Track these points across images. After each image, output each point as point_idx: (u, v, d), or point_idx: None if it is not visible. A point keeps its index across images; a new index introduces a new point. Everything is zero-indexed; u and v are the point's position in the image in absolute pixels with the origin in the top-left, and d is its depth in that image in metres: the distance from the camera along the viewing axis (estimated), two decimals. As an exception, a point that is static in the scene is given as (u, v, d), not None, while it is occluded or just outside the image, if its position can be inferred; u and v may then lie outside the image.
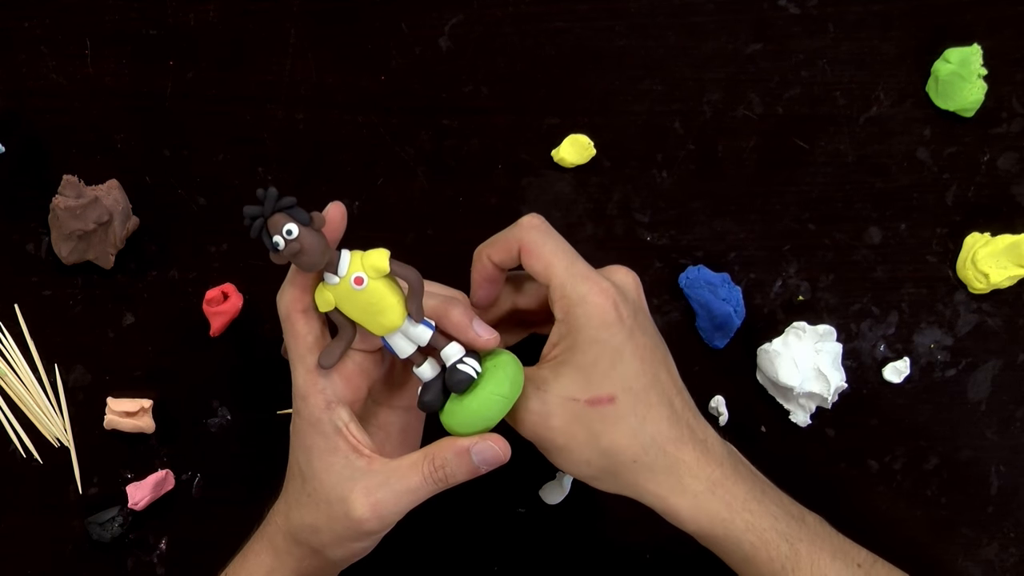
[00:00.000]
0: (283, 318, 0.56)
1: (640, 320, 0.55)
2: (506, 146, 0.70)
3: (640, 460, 0.54)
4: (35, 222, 0.71)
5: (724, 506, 0.54)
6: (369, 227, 0.71)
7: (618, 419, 0.53)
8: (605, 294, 0.54)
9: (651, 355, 0.55)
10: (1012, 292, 0.69)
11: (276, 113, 0.71)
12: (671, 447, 0.54)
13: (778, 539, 0.54)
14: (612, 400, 0.53)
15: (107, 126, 0.71)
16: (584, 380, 0.54)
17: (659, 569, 0.70)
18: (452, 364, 0.55)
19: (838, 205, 0.70)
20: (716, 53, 0.70)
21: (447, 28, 0.71)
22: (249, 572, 0.60)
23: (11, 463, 0.71)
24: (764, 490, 0.56)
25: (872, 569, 0.56)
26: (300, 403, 0.56)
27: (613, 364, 0.53)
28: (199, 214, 0.71)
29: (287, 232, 0.51)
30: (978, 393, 0.69)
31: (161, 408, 0.71)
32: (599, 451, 0.54)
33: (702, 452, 0.55)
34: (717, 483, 0.54)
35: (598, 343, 0.53)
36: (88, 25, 0.71)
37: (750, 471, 0.57)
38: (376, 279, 0.53)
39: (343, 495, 0.55)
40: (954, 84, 0.67)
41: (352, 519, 0.55)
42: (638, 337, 0.54)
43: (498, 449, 0.55)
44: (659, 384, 0.55)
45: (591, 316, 0.53)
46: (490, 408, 0.55)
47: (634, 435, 0.53)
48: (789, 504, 0.57)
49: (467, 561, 0.71)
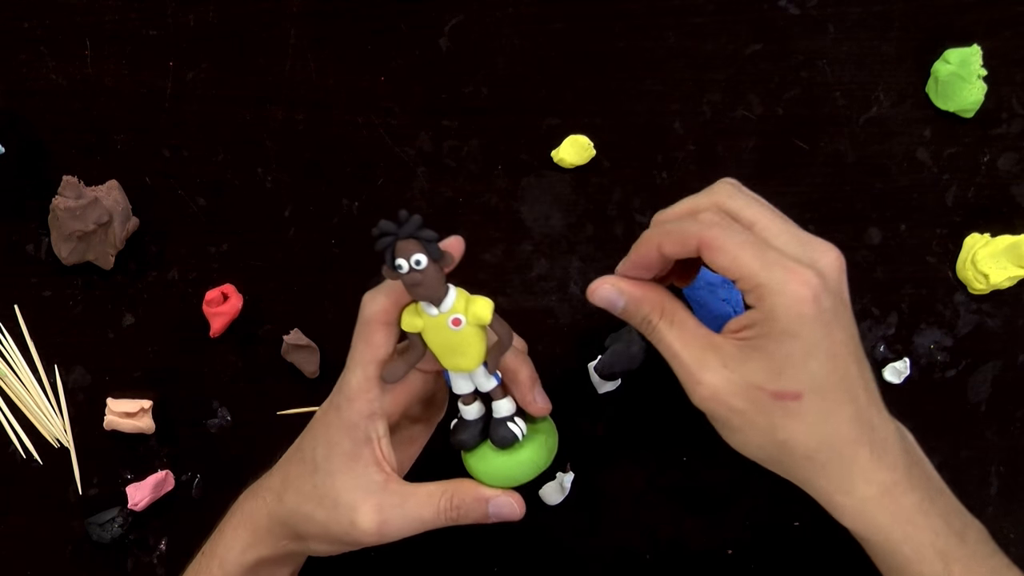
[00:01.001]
0: (364, 321, 0.56)
1: (839, 313, 0.51)
2: (506, 146, 0.70)
3: (814, 458, 0.52)
4: (35, 222, 0.71)
5: (888, 515, 0.52)
6: (369, 227, 0.70)
7: (800, 416, 0.51)
8: (806, 284, 0.49)
9: (845, 351, 0.51)
10: (1012, 292, 0.69)
11: (276, 113, 0.71)
12: (847, 448, 0.52)
13: (933, 556, 0.52)
14: (798, 397, 0.50)
15: (107, 126, 0.71)
16: (773, 372, 0.50)
17: (659, 569, 0.70)
18: (501, 419, 0.57)
19: (838, 205, 0.70)
20: (716, 53, 0.70)
21: (447, 28, 0.71)
22: (226, 547, 0.60)
23: (11, 464, 0.71)
24: (933, 499, 0.53)
25: None
26: (344, 402, 0.56)
27: (806, 360, 0.50)
28: (199, 214, 0.71)
29: (415, 262, 0.52)
30: (978, 393, 0.69)
31: (161, 408, 0.71)
32: (774, 442, 0.52)
33: (879, 454, 0.52)
34: (886, 490, 0.52)
35: (793, 337, 0.50)
36: (88, 25, 0.71)
37: (923, 474, 0.54)
38: (471, 325, 0.54)
39: (353, 503, 0.55)
40: (954, 85, 0.67)
41: (356, 528, 0.55)
42: (835, 332, 0.50)
43: (516, 509, 0.57)
44: (847, 381, 0.51)
45: (789, 308, 0.49)
46: (523, 472, 0.57)
47: (812, 433, 0.51)
48: (955, 516, 0.54)
49: (467, 561, 0.71)
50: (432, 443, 0.64)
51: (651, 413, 0.70)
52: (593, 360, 0.69)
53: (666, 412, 0.70)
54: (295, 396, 0.71)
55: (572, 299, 0.70)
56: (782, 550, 0.70)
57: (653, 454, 0.70)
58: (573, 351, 0.70)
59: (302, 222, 0.71)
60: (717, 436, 0.70)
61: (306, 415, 0.70)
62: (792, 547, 0.70)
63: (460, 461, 0.59)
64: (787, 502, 0.70)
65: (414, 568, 0.71)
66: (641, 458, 0.70)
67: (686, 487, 0.70)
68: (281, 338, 0.70)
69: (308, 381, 0.71)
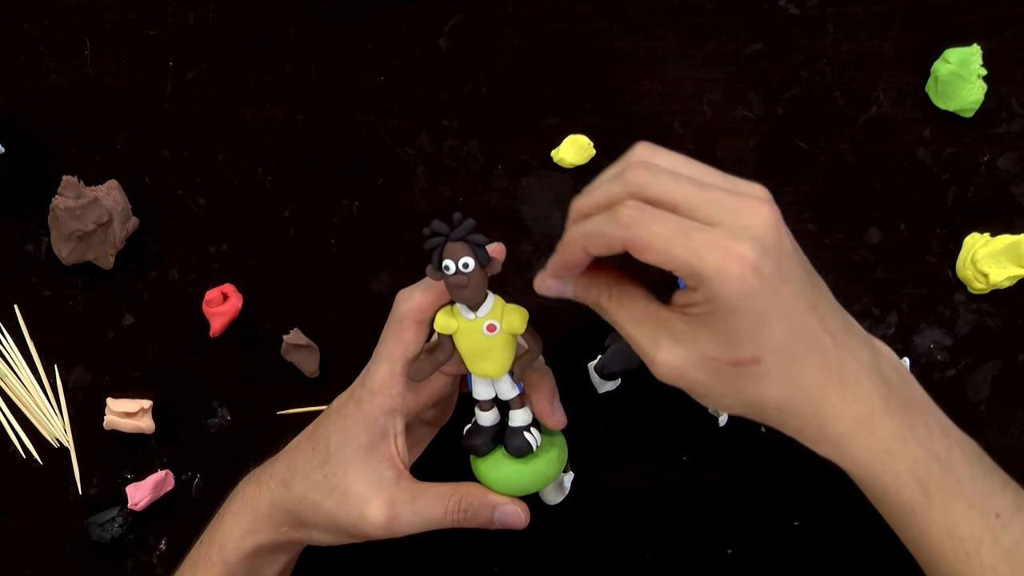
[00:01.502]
0: (397, 318, 0.56)
1: (784, 268, 0.48)
2: (506, 146, 0.70)
3: (784, 407, 0.51)
4: (35, 222, 0.71)
5: (864, 448, 0.51)
6: (369, 227, 0.71)
7: (763, 376, 0.50)
8: (742, 261, 0.47)
9: (798, 304, 0.49)
10: (1012, 292, 0.69)
11: (276, 113, 0.71)
12: (816, 392, 0.50)
13: (913, 484, 0.51)
14: (758, 361, 0.49)
15: (107, 126, 0.71)
16: (726, 343, 0.49)
17: (659, 569, 0.70)
18: (518, 428, 0.57)
19: (838, 205, 0.70)
20: (716, 53, 0.70)
21: (447, 28, 0.71)
22: (225, 533, 0.60)
23: (11, 463, 0.71)
24: (913, 426, 0.52)
25: (1012, 520, 0.52)
26: (367, 395, 0.57)
27: (757, 328, 0.48)
28: (199, 214, 0.71)
29: (463, 264, 0.52)
30: (978, 393, 0.69)
31: (161, 408, 0.71)
32: (742, 401, 0.51)
33: (850, 389, 0.51)
34: (861, 423, 0.51)
35: (742, 311, 0.48)
36: (88, 25, 0.71)
37: (903, 399, 0.52)
38: (505, 333, 0.55)
39: (364, 495, 0.56)
40: (954, 84, 0.67)
41: (365, 520, 0.56)
42: (783, 292, 0.48)
43: (521, 518, 0.58)
44: (806, 332, 0.49)
45: (730, 288, 0.47)
46: (533, 483, 0.58)
47: (779, 388, 0.50)
48: (938, 441, 0.52)
49: (467, 561, 0.71)
50: (440, 447, 0.64)
51: (651, 413, 0.70)
52: (593, 360, 0.69)
53: (666, 412, 0.70)
54: (295, 396, 0.71)
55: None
56: (782, 550, 0.70)
57: (653, 454, 0.70)
58: (573, 351, 0.70)
59: (302, 222, 0.71)
60: (717, 436, 0.70)
61: (306, 415, 0.70)
62: (792, 547, 0.70)
63: (465, 467, 0.59)
64: (787, 502, 0.70)
65: (415, 567, 0.71)
66: (641, 458, 0.70)
67: (686, 487, 0.70)
68: (281, 338, 0.70)
69: (308, 381, 0.71)
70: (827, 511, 0.69)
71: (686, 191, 0.48)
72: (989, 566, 0.51)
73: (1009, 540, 0.51)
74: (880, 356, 0.53)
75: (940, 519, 0.51)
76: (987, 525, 0.51)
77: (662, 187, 0.49)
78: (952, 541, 0.51)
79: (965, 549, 0.51)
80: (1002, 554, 0.51)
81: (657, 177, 0.49)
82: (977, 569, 0.51)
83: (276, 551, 0.61)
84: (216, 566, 0.60)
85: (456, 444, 0.60)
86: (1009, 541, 0.51)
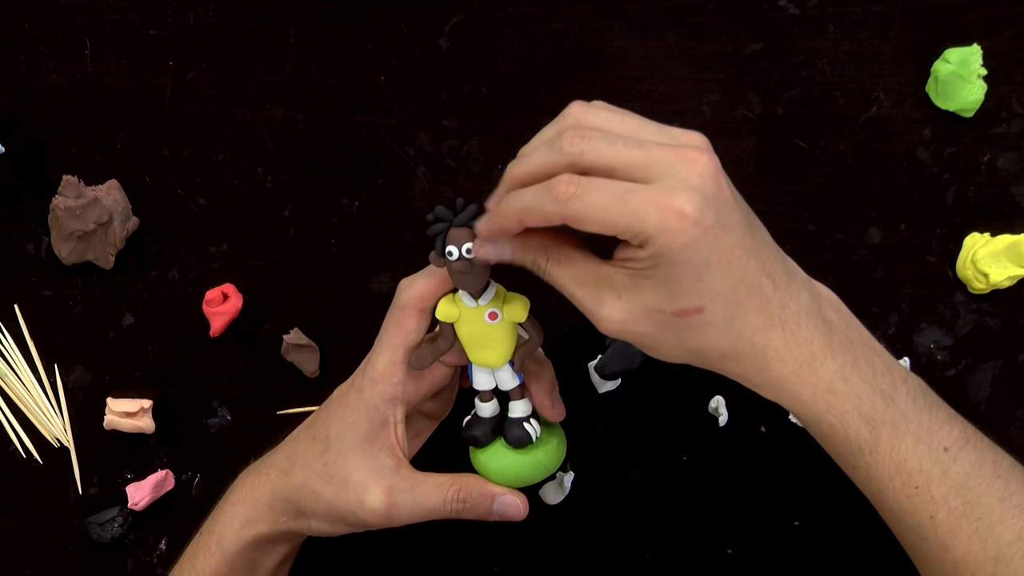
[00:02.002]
0: (399, 305, 0.57)
1: (724, 216, 0.48)
2: (506, 146, 0.70)
3: (727, 353, 0.51)
4: (35, 222, 0.71)
5: (807, 389, 0.51)
6: (369, 227, 0.71)
7: (706, 325, 0.50)
8: (681, 216, 0.46)
9: (738, 251, 0.49)
10: (1012, 292, 0.69)
11: (276, 113, 0.71)
12: (758, 336, 0.50)
13: (859, 422, 0.51)
14: (700, 311, 0.49)
15: (107, 126, 0.71)
16: (669, 294, 0.49)
17: (659, 569, 0.70)
18: (517, 419, 0.57)
19: (838, 205, 0.70)
20: (716, 53, 0.70)
21: (447, 28, 0.71)
22: (224, 524, 0.60)
23: (11, 463, 0.71)
24: (856, 364, 0.52)
25: (960, 453, 0.52)
26: (368, 383, 0.57)
27: (699, 278, 0.48)
28: (199, 214, 0.71)
29: (467, 250, 0.52)
30: (978, 393, 0.69)
31: (161, 408, 0.71)
32: (687, 351, 0.51)
33: (791, 331, 0.51)
34: (803, 364, 0.51)
35: (684, 263, 0.48)
36: (88, 25, 0.71)
37: (845, 339, 0.53)
38: (506, 321, 0.55)
39: (364, 483, 0.56)
40: (954, 84, 0.67)
41: (364, 508, 0.56)
42: (724, 240, 0.48)
43: (520, 509, 0.57)
44: (747, 278, 0.49)
45: (672, 243, 0.47)
46: (532, 473, 0.58)
47: (722, 336, 0.50)
48: (882, 378, 0.52)
49: (467, 561, 0.71)
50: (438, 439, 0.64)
51: (651, 413, 0.70)
52: (593, 360, 0.69)
53: (666, 412, 0.70)
54: (295, 396, 0.71)
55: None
56: (782, 550, 0.70)
57: (653, 454, 0.70)
58: (573, 351, 0.70)
59: (302, 222, 0.71)
60: (717, 436, 0.70)
61: (306, 415, 0.70)
62: (792, 547, 0.70)
63: (464, 461, 0.59)
64: (787, 502, 0.70)
65: (415, 567, 0.71)
66: (641, 458, 0.70)
67: (686, 487, 0.70)
68: (281, 338, 0.70)
69: (308, 381, 0.71)
70: (827, 511, 0.69)
71: (621, 153, 0.48)
72: (940, 499, 0.51)
73: (958, 473, 0.51)
74: (820, 298, 0.54)
75: (888, 455, 0.51)
76: (936, 459, 0.51)
77: (597, 153, 0.49)
78: (901, 476, 0.51)
79: (915, 484, 0.51)
80: (952, 487, 0.51)
81: (591, 144, 0.49)
82: (928, 503, 0.51)
83: (275, 541, 0.61)
84: (215, 557, 0.60)
85: (455, 438, 0.60)
86: (958, 474, 0.51)
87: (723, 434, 0.70)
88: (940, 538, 0.51)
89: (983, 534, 0.51)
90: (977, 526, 0.51)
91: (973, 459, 0.52)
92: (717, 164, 0.49)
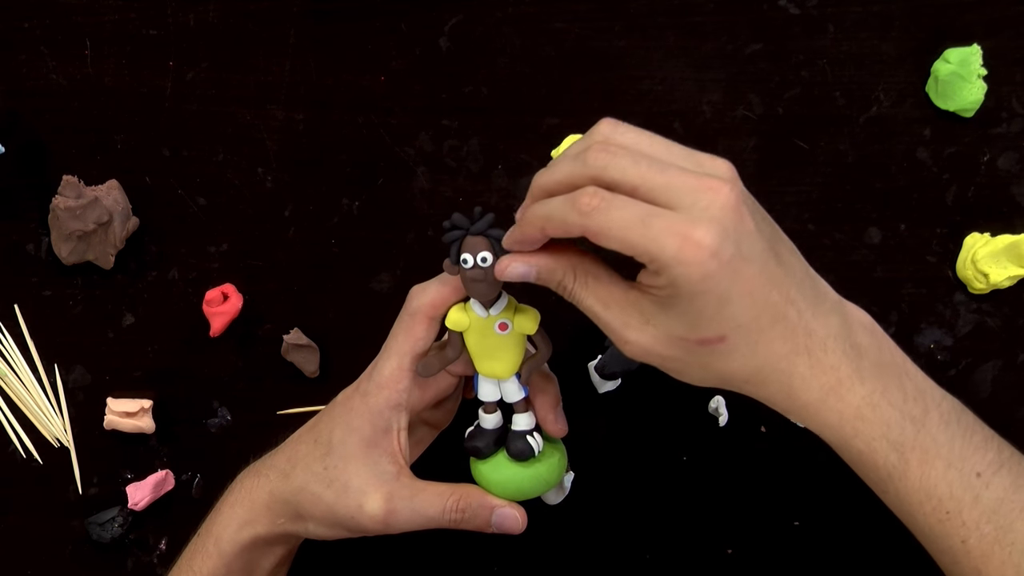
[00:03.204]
0: (410, 312, 0.57)
1: (745, 248, 0.48)
2: (506, 146, 0.70)
3: (752, 380, 0.51)
4: (35, 222, 0.71)
5: (834, 415, 0.51)
6: (369, 227, 0.71)
7: (729, 353, 0.50)
8: (699, 248, 0.46)
9: (760, 280, 0.49)
10: (1012, 292, 0.69)
11: (276, 113, 0.71)
12: (783, 363, 0.50)
13: (887, 448, 0.51)
14: (723, 340, 0.49)
15: (107, 126, 0.71)
16: (691, 324, 0.49)
17: (659, 569, 0.70)
18: (521, 431, 0.57)
19: (838, 205, 0.70)
20: (716, 53, 0.70)
21: (447, 28, 0.71)
22: (222, 525, 0.60)
23: (11, 463, 0.71)
24: (886, 390, 0.51)
25: (994, 478, 0.51)
26: (373, 389, 0.57)
27: (720, 309, 0.48)
28: (199, 214, 0.71)
29: (482, 259, 0.52)
30: (978, 393, 0.69)
31: (161, 408, 0.71)
32: (713, 376, 0.52)
33: (818, 358, 0.51)
34: (830, 391, 0.51)
35: (703, 294, 0.48)
36: (88, 25, 0.71)
37: (875, 365, 0.52)
38: (516, 333, 0.55)
39: (364, 488, 0.56)
40: (954, 84, 0.67)
41: (363, 513, 0.56)
42: (744, 271, 0.48)
43: (519, 522, 0.58)
44: (770, 307, 0.49)
45: (690, 274, 0.47)
46: (532, 487, 0.58)
47: (746, 364, 0.50)
48: (913, 403, 0.52)
49: (467, 561, 0.71)
50: (438, 448, 0.64)
51: (651, 413, 0.70)
52: (593, 360, 0.69)
53: (666, 412, 0.70)
54: (295, 396, 0.71)
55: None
56: (782, 550, 0.70)
57: (653, 454, 0.70)
58: (573, 351, 0.70)
59: (302, 222, 0.71)
60: (717, 436, 0.70)
61: (306, 415, 0.70)
62: (792, 547, 0.70)
63: (464, 473, 0.59)
64: (787, 502, 0.70)
65: (414, 566, 0.71)
66: (641, 458, 0.70)
67: (686, 487, 0.70)
68: (281, 338, 0.70)
69: (308, 381, 0.71)
70: (827, 511, 0.69)
71: (644, 174, 0.48)
72: (972, 525, 0.50)
73: (991, 498, 0.51)
74: (852, 321, 0.53)
75: (917, 481, 0.51)
76: (967, 485, 0.51)
77: (621, 170, 0.49)
78: (932, 502, 0.51)
79: (945, 509, 0.51)
80: (984, 512, 0.50)
81: (616, 160, 0.49)
82: (960, 528, 0.51)
83: (272, 543, 0.61)
84: (212, 558, 0.60)
85: (456, 448, 0.60)
86: (991, 499, 0.51)
87: (723, 434, 0.70)
88: (973, 563, 0.51)
89: (1016, 559, 0.50)
90: (1011, 551, 0.50)
91: (1007, 483, 0.51)
92: (739, 194, 0.48)
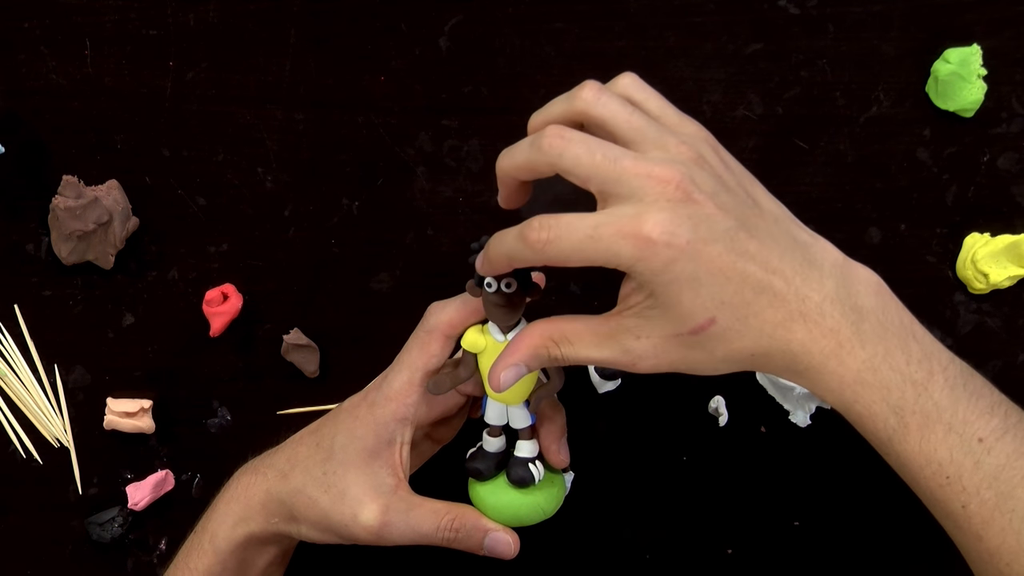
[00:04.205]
0: (427, 328, 0.57)
1: (703, 230, 0.48)
2: (506, 146, 0.70)
3: (757, 353, 0.51)
4: (35, 222, 0.71)
5: (834, 379, 0.51)
6: (369, 227, 0.71)
7: (723, 333, 0.50)
8: (650, 241, 0.47)
9: (730, 257, 0.49)
10: (1012, 292, 0.69)
11: (276, 113, 0.71)
12: (780, 331, 0.50)
13: (887, 412, 0.51)
14: (712, 322, 0.49)
15: (107, 126, 0.71)
16: (677, 317, 0.49)
17: (659, 569, 0.70)
18: (523, 459, 0.57)
19: (838, 205, 0.70)
20: (716, 53, 0.70)
21: (447, 28, 0.71)
22: (218, 522, 0.60)
23: (11, 463, 0.71)
24: (888, 353, 0.51)
25: (997, 443, 0.50)
26: (381, 400, 0.57)
27: (695, 293, 0.49)
28: (199, 214, 0.71)
29: (506, 284, 0.53)
30: (978, 393, 0.69)
31: (161, 408, 0.71)
32: (720, 361, 0.51)
33: (815, 322, 0.50)
34: (829, 355, 0.50)
35: (671, 283, 0.48)
36: (88, 25, 0.71)
37: (877, 327, 0.51)
38: None
39: (360, 497, 0.57)
40: (954, 84, 0.67)
41: (357, 522, 0.56)
42: (706, 251, 0.48)
43: (512, 547, 0.58)
44: (750, 279, 0.49)
45: (652, 268, 0.48)
46: (529, 514, 0.58)
47: (742, 337, 0.50)
48: (917, 366, 0.51)
49: (466, 560, 0.71)
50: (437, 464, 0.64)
51: (651, 413, 0.70)
52: (593, 360, 0.69)
53: (666, 412, 0.70)
54: (295, 396, 0.71)
55: (572, 299, 0.70)
56: (782, 550, 0.70)
57: (653, 454, 0.70)
58: (573, 351, 0.70)
59: (302, 222, 0.71)
60: (717, 436, 0.70)
61: (306, 415, 0.70)
62: (792, 547, 0.70)
63: (460, 491, 0.59)
64: (787, 502, 0.70)
65: (413, 566, 0.71)
66: (641, 458, 0.70)
67: (686, 487, 0.70)
68: (281, 338, 0.70)
69: (308, 381, 0.71)
70: (827, 511, 0.69)
71: (598, 165, 0.50)
72: (972, 490, 0.50)
73: (992, 464, 0.50)
74: (855, 282, 0.53)
75: (917, 445, 0.51)
76: (968, 450, 0.50)
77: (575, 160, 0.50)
78: (932, 466, 0.50)
79: (945, 474, 0.50)
80: (985, 478, 0.50)
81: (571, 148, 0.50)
82: (960, 494, 0.50)
83: (266, 542, 0.61)
84: (208, 555, 0.60)
85: (455, 464, 0.60)
86: (992, 465, 0.50)
87: (723, 434, 0.70)
88: (974, 528, 0.51)
89: (1017, 526, 0.50)
90: (1011, 518, 0.50)
91: (1011, 450, 0.50)
92: (684, 176, 0.49)
